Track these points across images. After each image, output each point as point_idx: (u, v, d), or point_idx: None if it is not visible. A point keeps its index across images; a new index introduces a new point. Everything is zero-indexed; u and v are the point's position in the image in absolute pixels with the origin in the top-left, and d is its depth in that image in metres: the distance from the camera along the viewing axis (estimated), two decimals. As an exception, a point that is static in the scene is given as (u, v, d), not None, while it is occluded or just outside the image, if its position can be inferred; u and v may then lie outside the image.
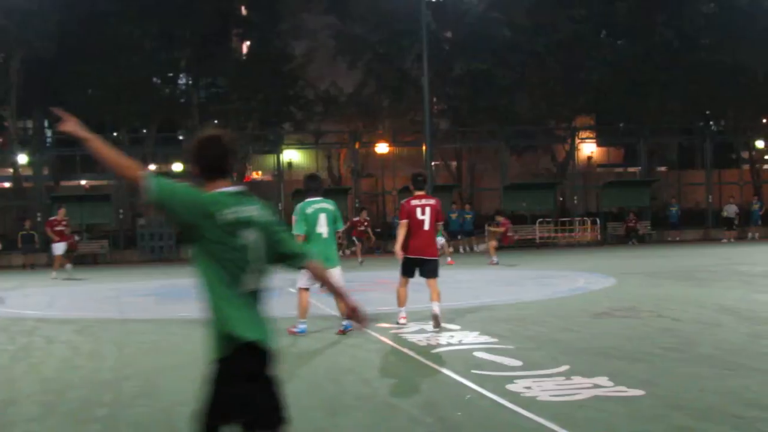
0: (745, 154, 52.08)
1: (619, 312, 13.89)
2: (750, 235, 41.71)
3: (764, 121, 50.36)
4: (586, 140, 49.48)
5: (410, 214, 12.89)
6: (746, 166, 51.71)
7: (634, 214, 42.20)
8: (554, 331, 12.11)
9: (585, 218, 42.62)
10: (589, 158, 53.19)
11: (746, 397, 7.67)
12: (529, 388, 8.21)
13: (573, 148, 46.39)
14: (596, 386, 8.17)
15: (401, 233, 12.92)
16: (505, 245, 30.03)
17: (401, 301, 13.09)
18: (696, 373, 8.83)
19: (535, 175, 48.83)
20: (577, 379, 8.52)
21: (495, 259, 27.78)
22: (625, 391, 7.95)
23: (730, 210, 42.09)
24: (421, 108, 39.57)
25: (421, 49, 37.63)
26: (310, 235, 12.16)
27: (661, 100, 45.06)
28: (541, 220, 40.98)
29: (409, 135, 46.12)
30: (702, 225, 44.70)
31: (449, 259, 27.95)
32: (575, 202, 44.56)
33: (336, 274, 12.06)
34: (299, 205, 12.38)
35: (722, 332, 11.59)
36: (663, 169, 52.21)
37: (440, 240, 25.89)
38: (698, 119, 48.72)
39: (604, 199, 43.66)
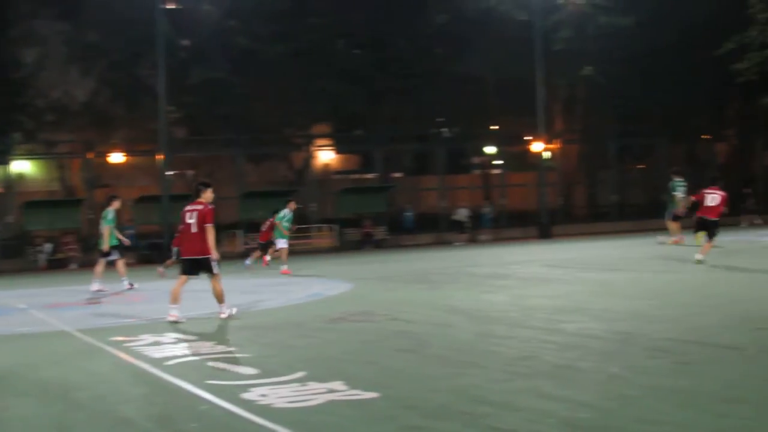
0: (476, 160, 54.26)
1: (355, 317, 14.08)
2: (480, 237, 43.53)
3: (494, 127, 52.53)
4: (324, 148, 50.14)
5: (182, 219, 14.06)
6: (477, 172, 53.94)
7: (370, 220, 43.08)
8: (291, 337, 12.14)
9: (322, 225, 43.12)
10: (327, 165, 53.81)
11: (475, 394, 7.92)
12: (264, 395, 8.17)
13: (310, 156, 46.83)
14: (331, 391, 8.23)
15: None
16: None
17: (174, 299, 13.96)
18: (428, 374, 9.06)
19: (273, 183, 48.90)
20: (313, 385, 8.54)
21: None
22: (360, 395, 8.05)
23: (462, 214, 43.79)
24: (157, 116, 38.91)
25: (157, 56, 36.94)
26: None
27: (396, 108, 46.28)
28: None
29: (145, 144, 45.09)
30: (436, 229, 46.14)
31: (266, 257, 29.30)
32: (312, 208, 44.98)
33: None
34: None
35: (453, 332, 11.95)
36: (399, 175, 53.53)
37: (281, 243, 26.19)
38: (432, 126, 50.29)
39: (340, 205, 44.24)
